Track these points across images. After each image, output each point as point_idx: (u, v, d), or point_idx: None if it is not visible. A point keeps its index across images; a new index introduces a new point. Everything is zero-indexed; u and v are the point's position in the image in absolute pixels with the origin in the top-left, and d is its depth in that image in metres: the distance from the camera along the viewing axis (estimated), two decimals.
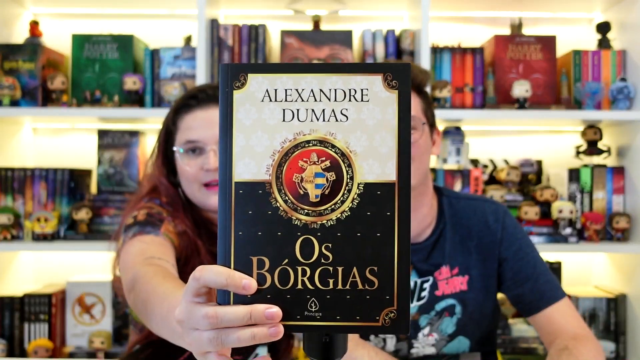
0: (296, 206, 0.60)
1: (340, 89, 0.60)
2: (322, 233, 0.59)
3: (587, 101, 1.98)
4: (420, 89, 1.24)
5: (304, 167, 0.60)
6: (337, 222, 0.60)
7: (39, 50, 1.96)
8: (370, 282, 0.59)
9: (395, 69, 0.60)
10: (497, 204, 1.30)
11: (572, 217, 1.95)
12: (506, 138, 2.24)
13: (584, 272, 2.22)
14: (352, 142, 0.60)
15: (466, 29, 2.24)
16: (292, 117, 0.60)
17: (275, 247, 0.59)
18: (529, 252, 1.25)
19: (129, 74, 1.96)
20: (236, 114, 0.60)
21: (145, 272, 0.98)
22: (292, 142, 0.60)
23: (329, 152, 0.60)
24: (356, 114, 0.60)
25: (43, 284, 2.16)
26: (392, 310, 0.59)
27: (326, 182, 0.60)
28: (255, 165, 0.60)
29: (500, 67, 2.02)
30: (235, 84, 0.61)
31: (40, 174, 1.99)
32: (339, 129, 0.60)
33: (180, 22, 2.21)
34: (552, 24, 2.24)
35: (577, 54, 2.03)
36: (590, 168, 2.02)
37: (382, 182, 0.60)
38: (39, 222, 1.91)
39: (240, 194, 0.60)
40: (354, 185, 0.60)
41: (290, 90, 0.60)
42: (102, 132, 2.06)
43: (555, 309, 1.21)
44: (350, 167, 0.60)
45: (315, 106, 0.60)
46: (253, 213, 0.60)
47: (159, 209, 1.22)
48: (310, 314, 0.59)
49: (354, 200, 0.60)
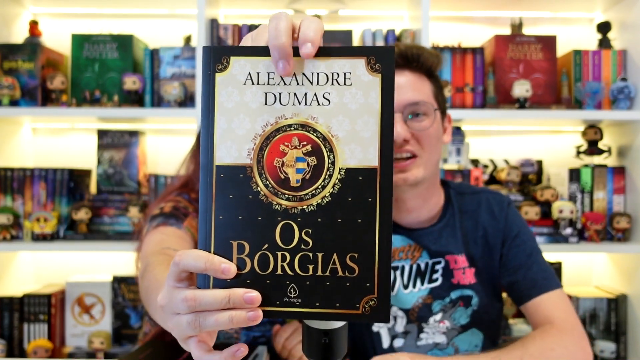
0: (277, 191, 0.59)
1: (322, 73, 0.59)
2: (302, 218, 0.59)
3: (587, 101, 1.99)
4: (431, 73, 1.21)
5: (285, 151, 0.59)
6: (318, 207, 0.59)
7: (39, 50, 1.97)
8: (351, 269, 0.59)
9: (379, 52, 0.59)
10: (501, 195, 1.29)
11: (572, 217, 1.95)
12: (506, 138, 2.25)
13: (585, 272, 2.23)
14: (334, 126, 0.59)
15: (466, 29, 2.24)
16: (274, 100, 0.60)
17: (256, 232, 0.59)
18: (527, 240, 1.23)
19: (128, 73, 1.97)
20: (218, 96, 0.60)
21: (155, 260, 0.99)
22: (274, 125, 0.60)
23: (311, 137, 0.59)
24: (338, 98, 0.59)
25: (42, 284, 2.16)
26: (373, 298, 0.59)
27: (307, 166, 0.59)
28: (237, 149, 0.60)
29: (501, 67, 2.02)
30: (218, 66, 0.60)
31: (39, 174, 2.00)
32: (321, 113, 0.59)
33: (180, 21, 2.22)
34: (553, 23, 2.24)
35: (577, 54, 2.03)
36: (591, 168, 2.03)
37: (363, 167, 0.59)
38: (39, 222, 1.92)
39: (222, 178, 0.60)
40: (335, 170, 0.59)
41: (272, 73, 0.60)
42: (102, 132, 2.07)
43: (547, 298, 1.18)
44: (331, 151, 0.59)
45: (298, 90, 0.60)
46: (234, 197, 0.59)
47: (185, 204, 1.23)
48: (289, 300, 0.59)
49: (335, 186, 0.59)
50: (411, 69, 1.19)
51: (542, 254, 1.24)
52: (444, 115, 1.25)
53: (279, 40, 0.57)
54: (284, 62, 0.58)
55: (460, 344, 1.21)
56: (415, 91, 1.16)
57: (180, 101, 1.96)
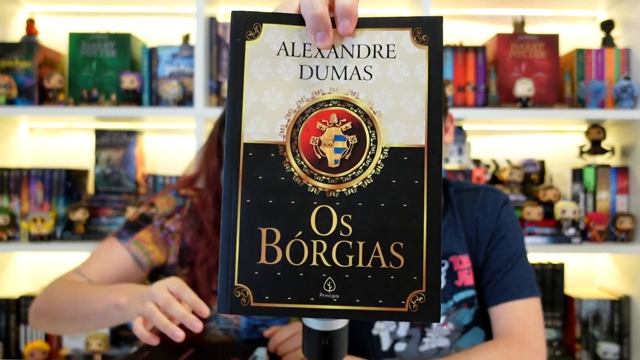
0: (312, 172, 0.54)
1: (364, 45, 0.55)
2: (341, 202, 0.53)
3: (590, 100, 1.98)
4: None
5: (323, 129, 0.54)
6: (358, 190, 0.54)
7: (36, 49, 1.97)
8: (395, 260, 0.53)
9: (426, 22, 0.55)
10: (498, 192, 1.26)
11: (575, 217, 1.95)
12: (508, 137, 2.24)
13: (588, 273, 2.22)
14: (376, 102, 0.54)
15: (468, 27, 2.24)
16: (311, 74, 0.55)
17: (288, 218, 0.53)
18: (512, 243, 1.19)
19: (126, 72, 1.96)
20: (248, 67, 0.55)
21: (75, 278, 1.17)
22: (310, 101, 0.55)
23: (351, 113, 0.54)
24: (381, 72, 0.55)
25: (39, 285, 2.16)
26: (421, 293, 0.53)
27: (347, 145, 0.54)
28: (268, 126, 0.54)
29: (503, 65, 2.02)
30: (248, 33, 0.55)
31: (36, 174, 2.00)
32: (362, 88, 0.55)
33: (179, 20, 2.22)
34: (555, 22, 2.24)
35: (580, 53, 2.03)
36: (594, 168, 2.02)
37: (409, 146, 0.54)
38: (35, 222, 1.91)
39: (250, 157, 0.54)
40: (378, 149, 0.54)
41: (308, 44, 0.55)
42: (99, 132, 2.06)
43: (513, 307, 1.13)
44: (373, 129, 0.54)
45: (337, 63, 0.55)
46: (264, 178, 0.54)
47: (160, 205, 1.26)
48: (325, 296, 0.53)
49: (378, 167, 0.54)
50: None
51: (526, 259, 1.20)
52: (446, 115, 1.23)
53: (316, 8, 0.52)
54: (322, 34, 0.53)
55: (463, 346, 1.20)
56: None
57: (179, 100, 1.95)
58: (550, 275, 2.00)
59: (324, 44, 0.54)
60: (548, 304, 1.99)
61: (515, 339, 1.09)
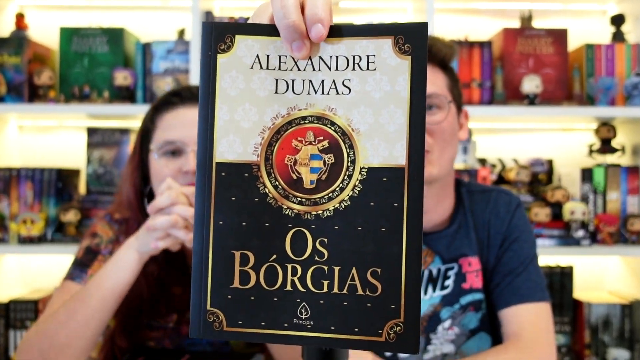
0: (288, 193, 0.53)
1: (342, 56, 0.53)
2: (316, 225, 0.53)
3: (600, 97, 1.98)
4: (445, 64, 1.19)
5: (299, 147, 0.54)
6: (335, 213, 0.53)
7: (25, 44, 1.97)
8: (373, 286, 0.52)
9: (408, 30, 0.53)
10: (511, 195, 1.26)
11: (584, 219, 1.95)
12: (515, 136, 2.24)
13: (597, 276, 2.22)
14: (354, 118, 0.53)
15: (473, 22, 2.24)
16: (287, 88, 0.54)
17: (262, 241, 0.53)
18: (525, 246, 1.20)
19: (119, 68, 1.96)
20: (220, 81, 0.54)
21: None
22: (285, 117, 0.54)
23: (328, 131, 0.53)
24: (360, 86, 0.53)
25: (29, 289, 2.16)
26: (399, 322, 0.52)
27: (323, 165, 0.53)
28: (241, 144, 0.54)
29: (509, 61, 2.02)
30: (220, 46, 0.54)
31: (26, 174, 1.99)
32: (340, 104, 0.53)
33: (174, 14, 2.21)
34: (564, 16, 2.24)
35: (589, 48, 2.03)
36: (604, 167, 2.02)
37: (389, 166, 0.53)
38: (25, 224, 1.91)
39: (222, 177, 0.53)
40: (356, 169, 0.53)
41: (284, 57, 0.54)
42: (91, 130, 2.06)
43: (523, 309, 1.13)
44: (352, 148, 0.53)
45: (313, 76, 0.54)
46: (237, 200, 0.53)
47: (100, 239, 1.25)
48: (300, 322, 0.53)
49: (355, 188, 0.53)
50: None
51: (537, 263, 1.21)
52: (460, 111, 1.22)
53: (289, 17, 0.51)
54: (298, 43, 0.52)
55: (468, 351, 1.19)
56: (428, 83, 1.14)
57: None
58: (558, 279, 2.00)
59: (300, 54, 0.53)
60: (556, 309, 1.99)
61: (526, 343, 1.08)
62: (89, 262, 1.22)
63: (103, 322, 1.08)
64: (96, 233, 1.26)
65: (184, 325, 1.22)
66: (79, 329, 1.06)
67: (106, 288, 1.08)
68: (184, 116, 1.21)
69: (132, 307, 1.18)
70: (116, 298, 1.08)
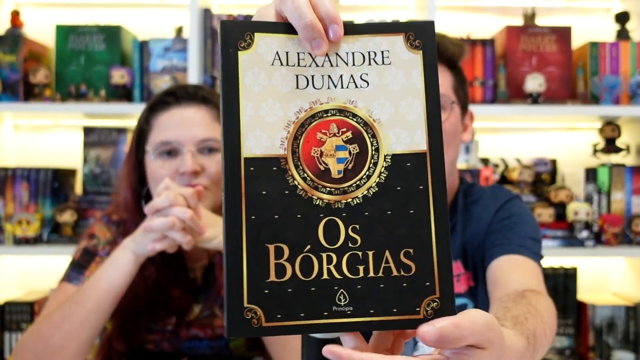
0: (317, 184, 0.56)
1: (358, 52, 0.58)
2: (347, 213, 0.56)
3: (604, 96, 1.98)
4: (452, 63, 1.19)
5: (323, 139, 0.57)
6: (364, 200, 0.56)
7: (21, 42, 1.96)
8: (407, 267, 0.56)
9: (418, 27, 0.58)
10: (504, 191, 1.24)
11: (588, 219, 1.95)
12: (518, 135, 2.24)
13: (602, 278, 2.22)
14: (375, 109, 0.57)
15: (476, 19, 2.24)
16: (307, 84, 0.57)
17: (295, 232, 0.55)
18: (517, 221, 1.15)
19: (116, 67, 1.96)
20: (243, 78, 0.56)
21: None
22: (309, 112, 0.57)
23: (350, 122, 0.57)
24: (378, 79, 0.58)
25: (25, 291, 2.16)
26: (435, 299, 0.55)
27: (349, 155, 0.57)
28: (268, 139, 0.56)
29: (512, 59, 2.02)
30: (241, 43, 0.56)
31: (21, 174, 1.99)
32: (360, 96, 0.58)
33: (171, 11, 2.21)
34: (568, 13, 2.23)
35: (594, 46, 2.03)
36: (608, 167, 2.02)
37: (411, 152, 0.57)
38: (21, 224, 1.91)
39: (251, 172, 0.55)
40: (380, 157, 0.57)
41: (302, 53, 0.57)
42: (88, 129, 2.06)
43: (516, 260, 1.07)
44: (374, 137, 0.57)
45: (332, 72, 0.57)
46: (267, 193, 0.55)
47: (97, 240, 1.25)
48: (339, 309, 0.55)
49: (382, 174, 0.57)
50: None
51: (536, 248, 1.14)
52: (465, 112, 1.21)
53: (306, 17, 0.55)
54: (318, 41, 0.56)
55: None
56: None
57: None
58: (562, 281, 2.00)
59: (320, 51, 0.56)
60: (560, 311, 1.99)
61: (531, 289, 0.99)
62: (86, 264, 1.22)
63: (99, 325, 1.08)
64: (94, 234, 1.26)
65: (183, 328, 1.22)
66: (74, 331, 1.06)
67: (102, 290, 1.08)
68: (180, 116, 1.21)
69: (129, 310, 1.18)
70: (112, 300, 1.08)
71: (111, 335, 1.22)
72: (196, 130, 1.19)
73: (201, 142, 1.19)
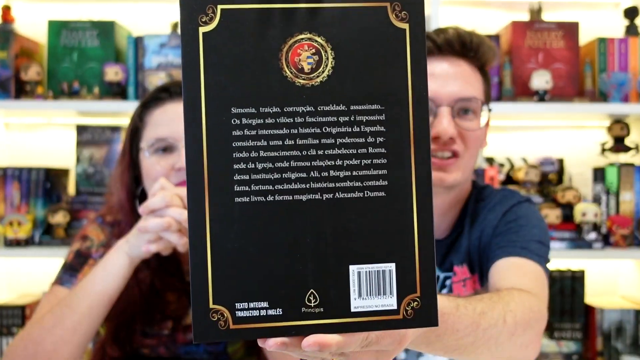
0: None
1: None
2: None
3: (613, 93, 1.98)
4: (484, 67, 1.20)
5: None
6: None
7: (12, 38, 1.96)
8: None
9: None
10: (514, 193, 1.24)
11: (596, 220, 1.95)
12: (524, 134, 2.24)
13: (610, 281, 2.22)
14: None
15: (480, 14, 2.24)
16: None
17: None
18: (524, 224, 1.14)
19: (110, 63, 1.96)
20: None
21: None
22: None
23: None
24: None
25: (16, 294, 2.16)
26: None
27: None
28: None
29: (518, 56, 2.02)
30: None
31: (12, 174, 1.99)
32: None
33: (167, 6, 2.21)
34: (575, 8, 2.23)
35: (602, 42, 2.03)
36: (617, 167, 2.02)
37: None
38: (12, 226, 1.91)
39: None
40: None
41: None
42: (81, 128, 2.06)
43: (516, 262, 1.07)
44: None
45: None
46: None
47: (90, 242, 1.25)
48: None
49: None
50: (468, 59, 1.16)
51: (544, 252, 1.13)
52: (487, 126, 1.22)
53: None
54: None
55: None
56: (469, 85, 1.14)
57: None
58: (569, 283, 2.00)
59: None
60: (567, 315, 1.99)
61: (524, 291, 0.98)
62: (79, 267, 1.21)
63: (92, 329, 1.08)
64: (87, 236, 1.26)
65: (180, 333, 1.22)
66: (66, 336, 1.06)
67: (95, 293, 1.07)
68: (174, 111, 1.21)
69: (123, 314, 1.18)
70: (105, 304, 1.08)
71: (105, 340, 1.22)
72: None
73: None
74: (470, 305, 0.75)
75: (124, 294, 1.12)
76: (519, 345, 0.84)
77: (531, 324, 0.87)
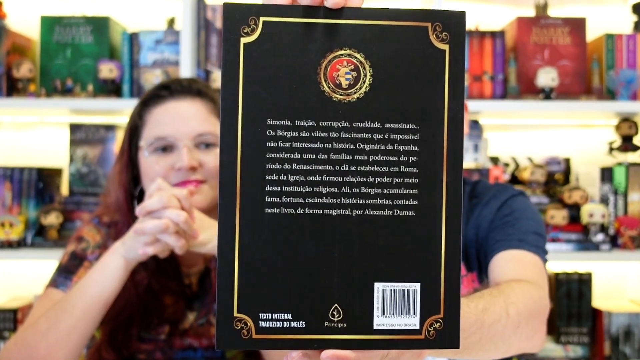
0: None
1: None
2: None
3: (621, 91, 1.98)
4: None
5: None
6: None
7: (4, 34, 1.96)
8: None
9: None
10: (508, 188, 1.25)
11: (604, 221, 1.94)
12: (530, 132, 2.24)
13: (618, 283, 2.22)
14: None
15: (485, 10, 2.24)
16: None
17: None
18: (519, 217, 1.16)
19: (104, 60, 1.96)
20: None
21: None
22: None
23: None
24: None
25: (8, 297, 2.15)
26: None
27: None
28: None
29: (524, 52, 2.02)
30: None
31: (4, 173, 1.99)
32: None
33: (163, 2, 2.21)
34: (582, 4, 2.23)
35: (609, 38, 2.03)
36: (625, 167, 2.02)
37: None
38: (4, 227, 1.91)
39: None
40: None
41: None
42: (74, 126, 2.06)
43: (515, 254, 1.09)
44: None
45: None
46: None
47: (86, 244, 1.24)
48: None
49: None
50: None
51: (540, 247, 1.15)
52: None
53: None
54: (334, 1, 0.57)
55: None
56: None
57: None
58: (576, 286, 2.00)
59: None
60: (574, 318, 1.99)
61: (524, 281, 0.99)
62: (74, 269, 1.21)
63: (87, 333, 1.08)
64: (82, 237, 1.26)
65: (177, 337, 1.22)
66: (60, 340, 1.06)
67: (90, 296, 1.07)
68: (175, 110, 1.21)
69: (119, 318, 1.18)
70: (101, 307, 1.08)
71: (100, 345, 1.22)
72: (192, 125, 1.19)
73: (198, 136, 1.19)
74: (472, 304, 0.77)
75: (120, 297, 1.12)
76: (524, 336, 0.86)
77: (534, 313, 0.89)
